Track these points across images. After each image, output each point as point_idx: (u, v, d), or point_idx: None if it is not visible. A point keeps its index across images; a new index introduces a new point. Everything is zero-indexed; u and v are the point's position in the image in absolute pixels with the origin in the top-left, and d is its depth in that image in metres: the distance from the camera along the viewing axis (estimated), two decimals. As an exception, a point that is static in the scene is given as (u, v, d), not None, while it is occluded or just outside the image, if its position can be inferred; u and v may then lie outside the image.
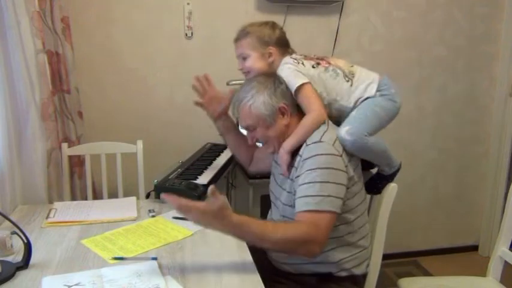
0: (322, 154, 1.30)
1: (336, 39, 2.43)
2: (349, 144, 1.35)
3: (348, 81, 1.42)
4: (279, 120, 1.38)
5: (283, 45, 1.48)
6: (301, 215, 1.27)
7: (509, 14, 2.62)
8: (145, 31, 2.27)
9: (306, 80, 1.37)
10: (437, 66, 2.65)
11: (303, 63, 1.42)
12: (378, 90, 1.43)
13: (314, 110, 1.37)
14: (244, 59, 1.47)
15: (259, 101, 1.36)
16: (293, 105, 1.40)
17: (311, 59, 1.45)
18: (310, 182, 1.27)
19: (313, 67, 1.42)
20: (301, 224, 1.25)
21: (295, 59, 1.43)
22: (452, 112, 2.73)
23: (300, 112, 1.42)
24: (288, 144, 1.38)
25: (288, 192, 1.39)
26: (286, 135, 1.39)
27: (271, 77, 1.41)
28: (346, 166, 1.32)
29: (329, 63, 1.44)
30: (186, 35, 2.31)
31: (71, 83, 2.01)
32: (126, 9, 2.23)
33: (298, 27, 2.39)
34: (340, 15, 2.42)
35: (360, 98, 1.43)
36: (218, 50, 2.35)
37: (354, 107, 1.43)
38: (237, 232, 1.18)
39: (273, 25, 1.48)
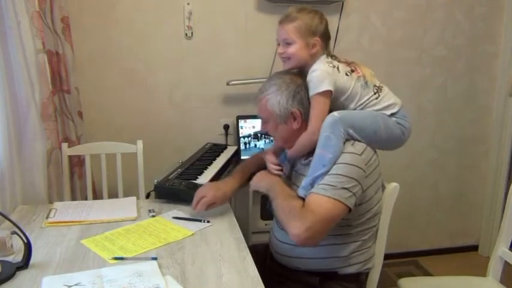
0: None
1: (336, 39, 2.43)
2: (331, 119, 1.32)
3: (375, 93, 1.40)
4: (289, 123, 1.40)
5: (327, 39, 1.43)
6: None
7: (509, 14, 2.62)
8: (145, 31, 2.27)
9: (328, 88, 1.34)
10: (437, 66, 2.64)
11: (338, 68, 1.38)
12: (394, 115, 1.41)
13: (310, 129, 1.37)
14: (288, 44, 1.39)
15: (275, 100, 1.38)
16: (308, 113, 1.38)
17: (347, 63, 1.42)
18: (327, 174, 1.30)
19: (346, 74, 1.38)
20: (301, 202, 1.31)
21: (332, 63, 1.38)
22: (452, 112, 2.73)
23: None
24: (290, 154, 1.47)
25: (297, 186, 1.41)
26: (294, 139, 1.41)
27: (298, 80, 1.40)
28: (366, 164, 1.32)
29: (363, 75, 1.40)
30: (186, 35, 2.31)
31: (71, 83, 2.01)
32: (126, 9, 2.23)
33: (298, 27, 2.39)
34: (340, 15, 2.42)
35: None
36: (218, 50, 2.35)
37: None
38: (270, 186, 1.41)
39: (321, 16, 1.42)
